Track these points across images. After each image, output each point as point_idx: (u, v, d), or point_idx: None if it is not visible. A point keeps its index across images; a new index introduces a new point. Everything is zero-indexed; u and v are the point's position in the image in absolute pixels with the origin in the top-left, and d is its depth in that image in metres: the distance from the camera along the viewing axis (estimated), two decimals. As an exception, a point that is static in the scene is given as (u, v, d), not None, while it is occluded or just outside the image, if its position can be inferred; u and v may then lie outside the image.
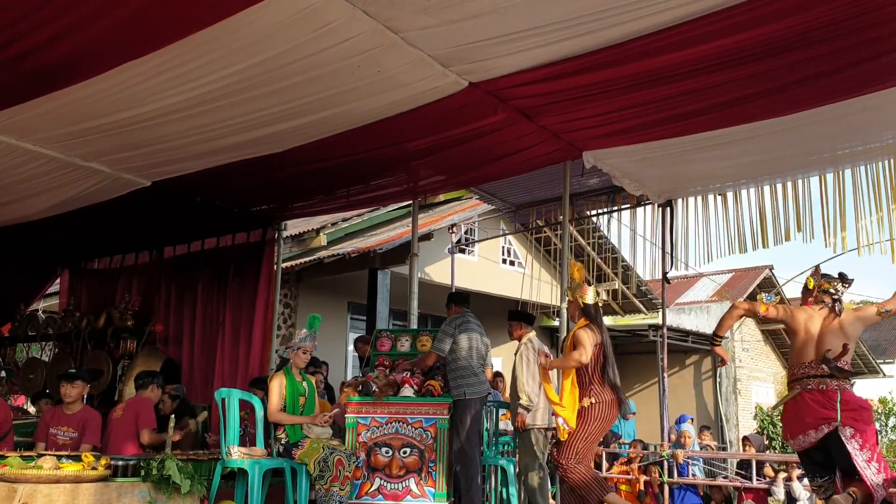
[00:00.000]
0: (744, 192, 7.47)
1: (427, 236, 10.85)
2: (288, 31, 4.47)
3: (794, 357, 5.17)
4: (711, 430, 9.64)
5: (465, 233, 12.70)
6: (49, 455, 4.70)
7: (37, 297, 11.83)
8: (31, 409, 9.30)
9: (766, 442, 16.28)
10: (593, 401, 5.51)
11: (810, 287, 5.30)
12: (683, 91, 5.18)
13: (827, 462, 5.04)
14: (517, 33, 4.51)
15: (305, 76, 5.02)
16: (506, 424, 8.00)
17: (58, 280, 11.58)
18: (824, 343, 5.02)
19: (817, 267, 5.47)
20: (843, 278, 5.19)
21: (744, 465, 8.48)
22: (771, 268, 19.98)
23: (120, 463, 5.00)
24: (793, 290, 21.54)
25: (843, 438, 4.81)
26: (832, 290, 5.13)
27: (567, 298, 5.98)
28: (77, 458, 4.75)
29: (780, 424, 16.11)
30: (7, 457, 4.70)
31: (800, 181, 7.01)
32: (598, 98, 5.40)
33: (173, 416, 5.95)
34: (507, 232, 13.21)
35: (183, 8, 4.27)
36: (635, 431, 11.00)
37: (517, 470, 7.10)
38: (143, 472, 4.96)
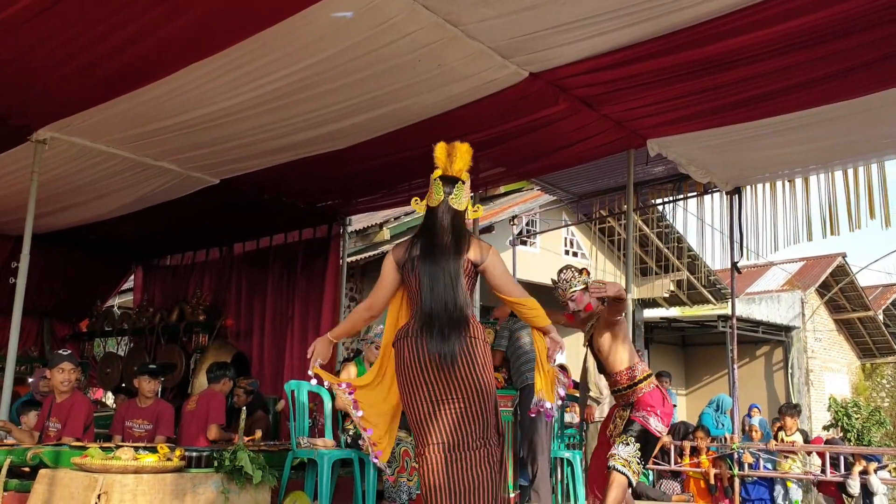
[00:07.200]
0: (813, 178, 7.28)
1: (488, 228, 10.83)
2: (349, 28, 4.52)
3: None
4: (798, 414, 8.95)
5: (527, 224, 12.63)
6: (127, 447, 4.85)
7: (112, 293, 12.22)
8: (110, 403, 9.62)
9: (841, 434, 15.88)
10: None
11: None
12: (748, 76, 5.07)
13: None
14: (577, 22, 4.47)
15: (367, 72, 5.06)
16: (571, 417, 7.97)
17: (132, 277, 11.93)
18: None
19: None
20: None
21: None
22: (844, 255, 19.41)
23: (194, 454, 5.12)
24: (866, 279, 20.90)
25: None
26: None
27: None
28: (153, 450, 4.89)
29: (856, 417, 15.66)
30: (89, 448, 4.87)
31: (873, 166, 6.80)
32: (661, 85, 5.32)
33: (245, 408, 6.08)
34: (569, 223, 13.10)
35: (247, 8, 4.36)
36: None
37: (584, 463, 7.07)
38: (216, 463, 5.08)
